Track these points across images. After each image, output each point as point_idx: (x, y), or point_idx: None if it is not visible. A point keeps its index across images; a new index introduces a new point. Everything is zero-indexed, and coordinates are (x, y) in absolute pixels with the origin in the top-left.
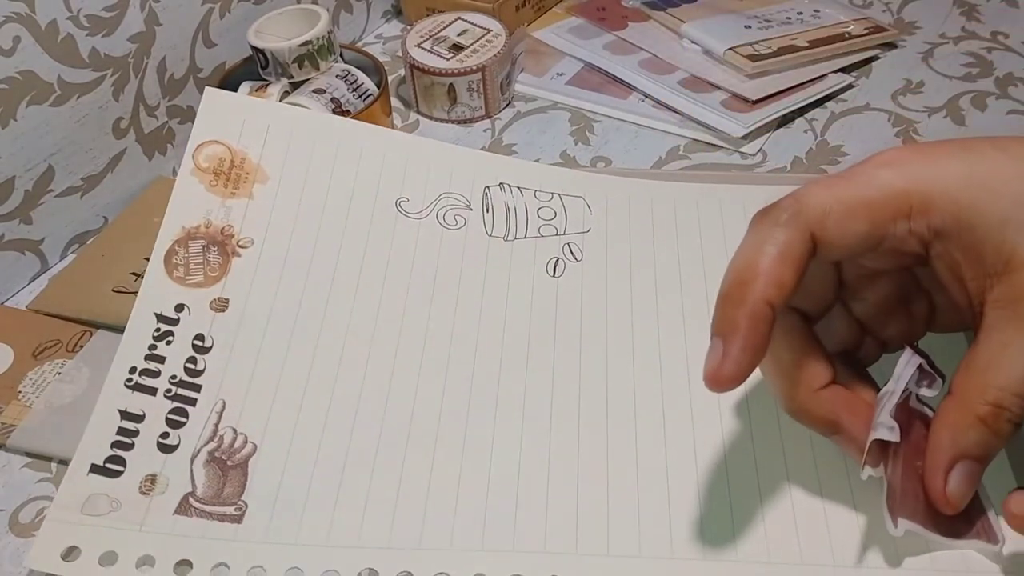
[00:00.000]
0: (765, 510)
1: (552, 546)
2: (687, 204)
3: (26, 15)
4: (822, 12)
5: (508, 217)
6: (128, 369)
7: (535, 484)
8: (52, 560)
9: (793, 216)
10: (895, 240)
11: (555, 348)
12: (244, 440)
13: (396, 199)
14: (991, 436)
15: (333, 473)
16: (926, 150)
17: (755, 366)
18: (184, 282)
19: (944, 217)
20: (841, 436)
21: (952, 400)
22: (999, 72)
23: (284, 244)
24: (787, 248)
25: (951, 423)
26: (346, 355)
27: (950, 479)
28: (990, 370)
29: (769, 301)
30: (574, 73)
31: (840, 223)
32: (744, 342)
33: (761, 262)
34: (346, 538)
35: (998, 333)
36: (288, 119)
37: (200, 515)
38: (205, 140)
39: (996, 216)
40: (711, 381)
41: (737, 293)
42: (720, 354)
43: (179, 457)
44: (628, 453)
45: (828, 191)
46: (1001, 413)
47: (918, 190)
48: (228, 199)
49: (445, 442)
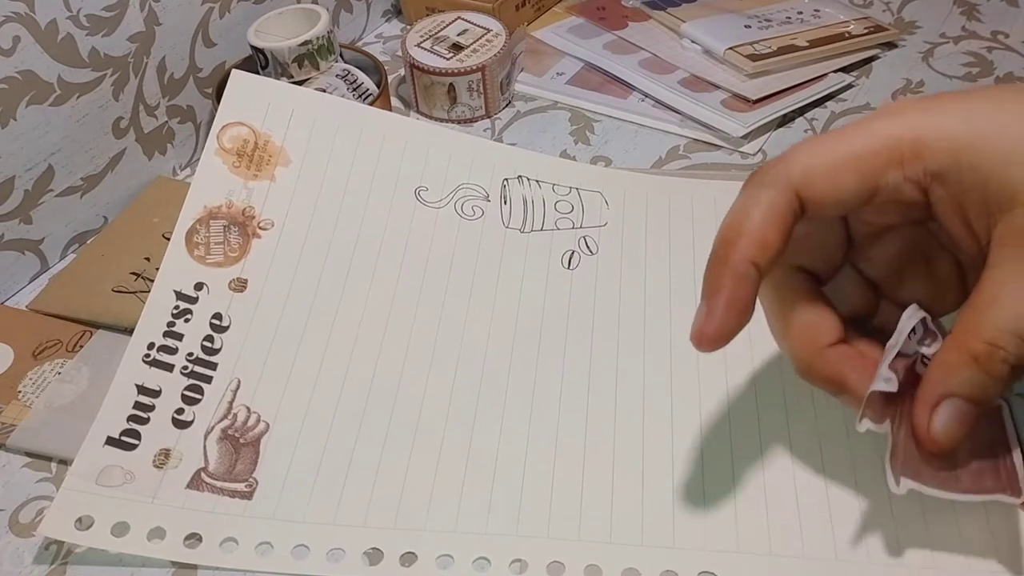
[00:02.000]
0: (769, 502)
1: (555, 532)
2: (704, 200)
3: (26, 15)
4: (822, 12)
5: (525, 209)
6: (146, 345)
7: (541, 471)
8: (66, 528)
9: (776, 175)
10: (890, 190)
11: (567, 339)
12: (257, 419)
13: (416, 188)
14: (984, 376)
15: (343, 454)
16: (927, 99)
17: (741, 325)
18: (204, 261)
19: (941, 159)
20: (848, 395)
21: (949, 339)
22: (999, 72)
23: (304, 227)
24: (770, 207)
25: (944, 361)
26: (360, 339)
27: (936, 416)
28: (988, 308)
29: (752, 260)
30: (574, 73)
31: (827, 178)
32: (727, 301)
33: (745, 222)
34: (353, 518)
35: (998, 270)
36: (313, 103)
37: (211, 490)
38: (230, 121)
39: (999, 153)
40: (695, 340)
41: (722, 253)
42: (704, 314)
43: (193, 433)
44: (635, 444)
45: (814, 147)
46: (996, 352)
47: (911, 136)
48: (250, 180)
49: (454, 428)
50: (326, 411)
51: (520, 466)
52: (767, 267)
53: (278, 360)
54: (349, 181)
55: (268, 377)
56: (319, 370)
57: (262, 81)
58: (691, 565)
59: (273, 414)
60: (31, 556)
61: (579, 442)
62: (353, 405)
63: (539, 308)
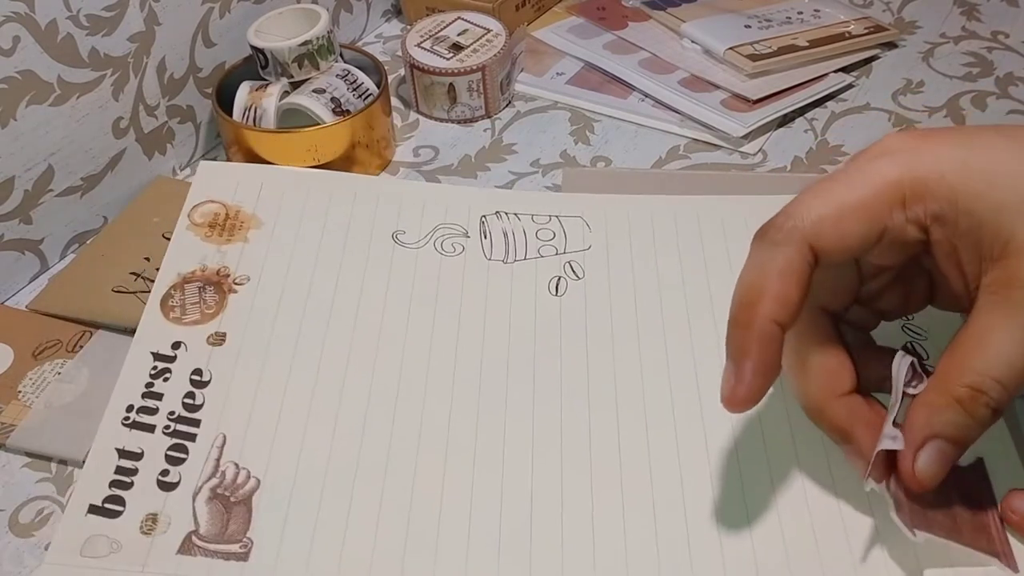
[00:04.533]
0: (784, 525)
1: (569, 571)
2: (687, 217)
3: (26, 15)
4: (822, 12)
5: (507, 241)
6: (125, 407)
7: (549, 510)
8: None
9: (788, 233)
10: (895, 231)
11: (561, 366)
12: (247, 475)
13: (392, 232)
14: (967, 418)
15: (340, 506)
16: (925, 136)
17: (769, 386)
18: (181, 321)
19: (940, 202)
20: (851, 447)
21: (933, 380)
22: (999, 72)
23: (281, 278)
24: (787, 266)
25: (928, 402)
26: (348, 383)
27: (920, 456)
28: (973, 353)
29: (776, 320)
30: (574, 73)
31: (837, 229)
32: (755, 365)
33: (764, 284)
34: (356, 572)
35: (985, 317)
36: (280, 176)
37: (204, 554)
38: (200, 201)
39: (993, 201)
40: (728, 404)
41: (744, 316)
42: (734, 377)
43: (180, 495)
44: (642, 471)
45: (820, 199)
46: (979, 397)
47: (911, 177)
48: (223, 245)
49: (454, 468)
50: (318, 462)
51: (527, 506)
52: (790, 325)
53: (263, 412)
54: (324, 233)
55: (255, 430)
56: (307, 419)
57: (229, 166)
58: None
59: (263, 469)
60: (31, 556)
61: (585, 478)
62: (346, 453)
63: (530, 337)
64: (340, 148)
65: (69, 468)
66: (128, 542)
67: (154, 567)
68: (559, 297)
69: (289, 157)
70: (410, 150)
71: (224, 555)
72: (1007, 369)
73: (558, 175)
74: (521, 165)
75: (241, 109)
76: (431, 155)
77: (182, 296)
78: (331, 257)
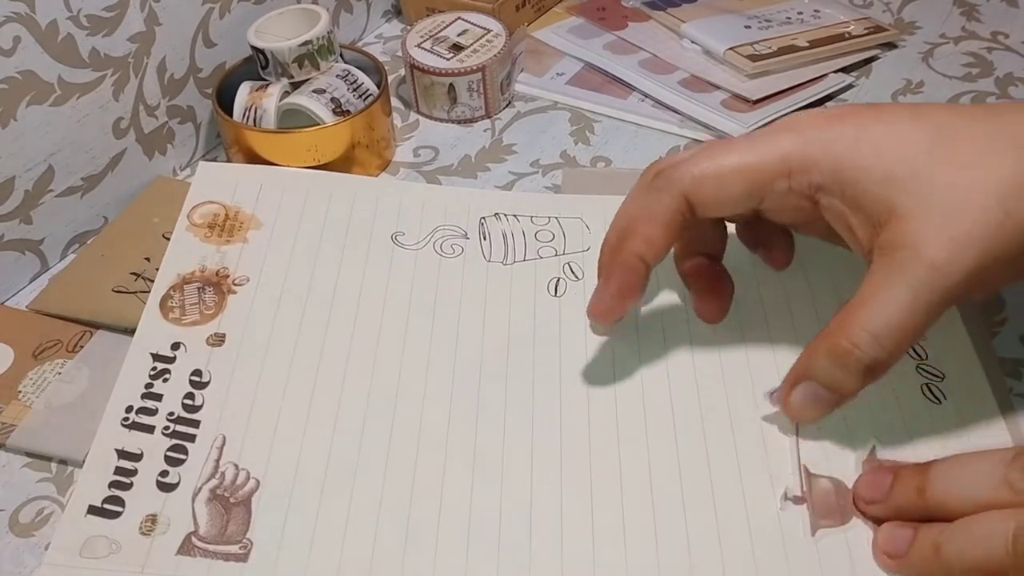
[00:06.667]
0: (784, 526)
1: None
2: None
3: (26, 15)
4: (822, 12)
5: (506, 242)
6: (124, 408)
7: (548, 515)
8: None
9: (670, 182)
10: (778, 196)
11: (560, 366)
12: (247, 476)
13: (392, 233)
14: (839, 369)
15: (340, 507)
16: (829, 116)
17: (629, 307)
18: (180, 322)
19: (824, 175)
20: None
21: (822, 330)
22: (999, 72)
23: (280, 279)
24: (662, 212)
25: (811, 348)
26: (347, 384)
27: (794, 392)
28: (856, 309)
29: (640, 256)
30: (574, 73)
31: (715, 188)
32: (616, 288)
33: (638, 221)
34: (356, 572)
35: (873, 276)
36: (279, 177)
37: (204, 555)
38: (199, 202)
39: (881, 172)
40: (590, 315)
41: (615, 242)
42: (597, 293)
43: (180, 495)
44: (642, 471)
45: (710, 159)
46: (852, 351)
47: (801, 153)
48: (223, 246)
49: (453, 469)
50: (318, 463)
51: (526, 507)
52: (654, 262)
53: (263, 413)
54: (323, 234)
55: (254, 431)
56: (306, 420)
57: (228, 166)
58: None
59: (263, 470)
60: (31, 556)
61: (584, 479)
62: (346, 455)
63: (529, 338)
64: (340, 148)
65: (69, 468)
66: (127, 543)
67: (153, 568)
68: (558, 298)
69: (289, 157)
70: (410, 150)
71: (224, 556)
72: (884, 327)
73: (558, 175)
74: (521, 165)
75: (241, 109)
76: (431, 155)
77: (181, 297)
78: (330, 258)
